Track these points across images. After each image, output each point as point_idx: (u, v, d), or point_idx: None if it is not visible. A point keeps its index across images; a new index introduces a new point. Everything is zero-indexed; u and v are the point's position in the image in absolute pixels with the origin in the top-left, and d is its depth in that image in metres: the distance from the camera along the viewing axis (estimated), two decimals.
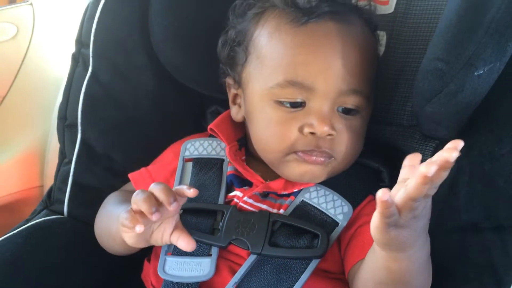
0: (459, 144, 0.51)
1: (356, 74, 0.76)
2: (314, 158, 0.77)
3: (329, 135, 0.75)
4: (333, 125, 0.75)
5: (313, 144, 0.76)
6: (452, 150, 0.51)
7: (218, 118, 0.90)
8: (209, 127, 0.89)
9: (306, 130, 0.75)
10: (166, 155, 0.93)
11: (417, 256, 0.65)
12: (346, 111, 0.78)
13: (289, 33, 0.77)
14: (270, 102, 0.78)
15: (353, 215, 0.79)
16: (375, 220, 0.59)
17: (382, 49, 0.90)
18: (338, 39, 0.76)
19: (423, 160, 0.83)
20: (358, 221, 0.79)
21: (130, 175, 0.91)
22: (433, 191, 0.54)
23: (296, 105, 0.76)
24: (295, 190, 0.81)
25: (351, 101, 0.77)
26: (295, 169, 0.78)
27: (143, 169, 0.91)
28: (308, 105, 0.76)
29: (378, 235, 0.60)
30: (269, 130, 0.79)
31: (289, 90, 0.76)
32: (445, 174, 0.52)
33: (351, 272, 0.76)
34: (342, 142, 0.77)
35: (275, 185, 0.81)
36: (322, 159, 0.77)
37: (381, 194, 0.53)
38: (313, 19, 0.76)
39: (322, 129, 0.74)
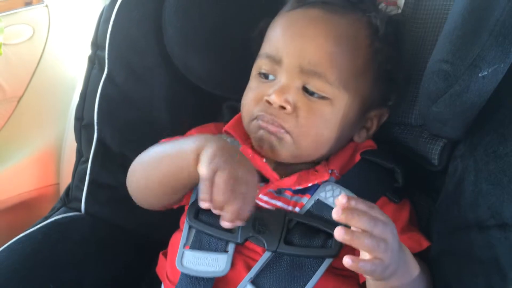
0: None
1: (324, 60, 0.78)
2: (266, 124, 0.80)
3: (283, 107, 0.78)
4: (293, 101, 0.78)
5: (269, 112, 0.79)
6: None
7: (233, 120, 0.91)
8: (223, 129, 0.90)
9: (265, 97, 0.79)
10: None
11: (406, 275, 0.70)
12: (312, 93, 0.79)
13: (282, 16, 0.85)
14: (255, 73, 0.85)
15: None
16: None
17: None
18: (316, 23, 0.80)
19: (430, 158, 0.86)
20: None
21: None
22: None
23: (269, 77, 0.82)
24: (309, 185, 0.81)
25: (313, 82, 0.78)
26: (256, 133, 0.82)
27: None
28: (276, 79, 0.81)
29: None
30: (245, 96, 0.85)
31: (265, 61, 0.82)
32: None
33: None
34: (300, 120, 0.79)
35: (288, 181, 0.81)
36: (275, 128, 0.79)
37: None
38: (304, 6, 0.82)
39: (275, 99, 0.77)
